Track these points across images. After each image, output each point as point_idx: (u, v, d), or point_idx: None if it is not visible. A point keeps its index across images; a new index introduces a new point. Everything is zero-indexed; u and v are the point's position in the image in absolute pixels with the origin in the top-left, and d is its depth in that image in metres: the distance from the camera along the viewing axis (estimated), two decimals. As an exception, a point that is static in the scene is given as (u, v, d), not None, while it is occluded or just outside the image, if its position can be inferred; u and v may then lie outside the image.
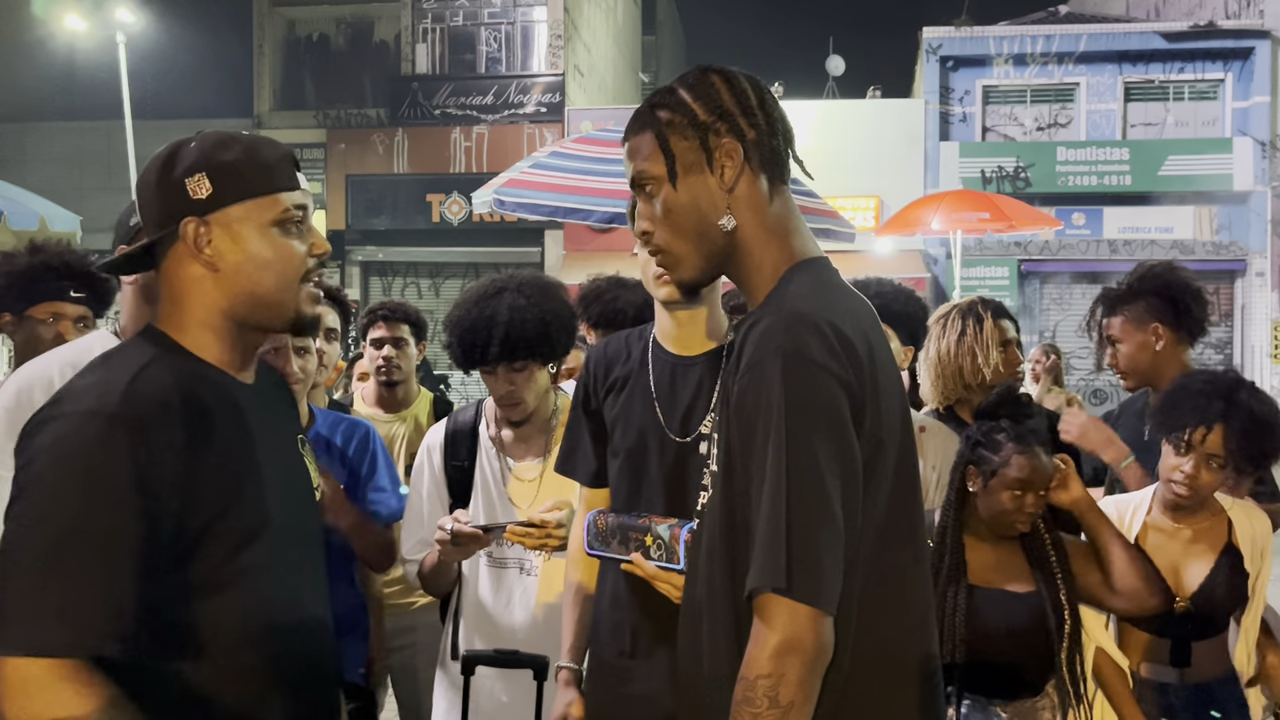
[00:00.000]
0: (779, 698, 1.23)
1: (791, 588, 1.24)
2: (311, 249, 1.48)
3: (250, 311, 1.44)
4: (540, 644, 2.33)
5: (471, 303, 2.34)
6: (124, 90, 9.12)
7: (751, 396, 1.32)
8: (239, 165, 1.41)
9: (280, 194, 1.44)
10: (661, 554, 1.72)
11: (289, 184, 1.45)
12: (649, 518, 1.77)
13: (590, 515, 1.83)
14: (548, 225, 14.18)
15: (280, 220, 1.43)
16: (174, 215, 1.40)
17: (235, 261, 1.41)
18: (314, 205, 1.53)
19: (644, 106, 1.51)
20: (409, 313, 3.67)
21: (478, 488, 2.47)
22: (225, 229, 1.40)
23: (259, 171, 1.42)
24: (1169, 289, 2.78)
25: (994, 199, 8.67)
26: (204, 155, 1.41)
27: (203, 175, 1.39)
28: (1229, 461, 2.33)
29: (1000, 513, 2.26)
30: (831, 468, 1.28)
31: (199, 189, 1.39)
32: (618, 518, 1.80)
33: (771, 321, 1.34)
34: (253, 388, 1.50)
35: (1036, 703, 2.29)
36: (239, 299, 1.43)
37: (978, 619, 2.25)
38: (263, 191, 1.42)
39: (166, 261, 1.43)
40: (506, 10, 16.54)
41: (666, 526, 1.72)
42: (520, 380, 2.34)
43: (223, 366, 1.45)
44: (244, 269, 1.42)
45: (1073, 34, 15.36)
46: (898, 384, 1.44)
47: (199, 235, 1.40)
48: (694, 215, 1.45)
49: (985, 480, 2.29)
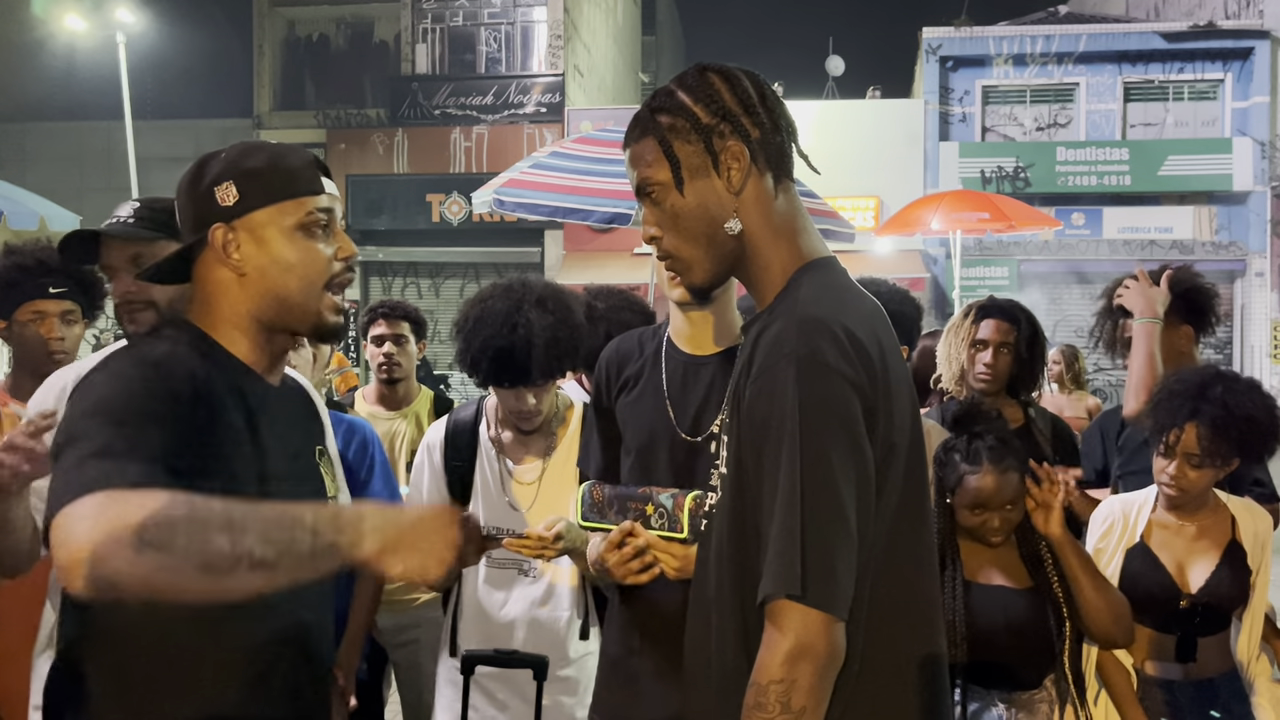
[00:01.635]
0: (791, 703, 1.22)
1: (806, 594, 1.23)
2: (337, 253, 1.50)
3: (276, 314, 1.47)
4: (539, 644, 2.33)
5: (495, 323, 2.28)
6: (124, 90, 9.13)
7: (764, 401, 1.31)
8: (263, 171, 1.45)
9: (304, 198, 1.47)
10: (663, 522, 1.68)
11: (313, 188, 1.48)
12: (650, 488, 1.74)
13: (585, 486, 1.81)
14: (548, 225, 14.18)
15: (304, 224, 1.46)
16: (204, 222, 1.45)
17: (261, 265, 1.45)
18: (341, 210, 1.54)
19: (644, 110, 1.49)
20: (409, 311, 3.68)
21: (477, 488, 2.48)
22: (251, 233, 1.44)
23: (282, 176, 1.46)
24: (1198, 293, 2.87)
25: (994, 199, 8.67)
26: (230, 164, 1.46)
27: (230, 183, 1.44)
28: (1204, 460, 2.35)
29: (968, 528, 2.29)
30: (846, 473, 1.27)
31: (226, 196, 1.44)
32: (615, 488, 1.77)
33: (784, 325, 1.33)
34: (277, 390, 1.53)
35: (1034, 696, 2.30)
36: (265, 302, 1.46)
37: (975, 615, 2.26)
38: (286, 196, 1.45)
39: (198, 267, 1.48)
40: (506, 10, 16.54)
41: (669, 495, 1.69)
42: (542, 394, 2.35)
43: (249, 364, 1.48)
44: (269, 272, 1.45)
45: (1072, 34, 15.35)
46: (908, 386, 1.43)
47: (227, 241, 1.44)
48: (702, 220, 1.44)
49: (948, 498, 2.31)
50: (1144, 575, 2.42)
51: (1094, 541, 2.51)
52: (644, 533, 1.78)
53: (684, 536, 1.66)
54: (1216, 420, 2.33)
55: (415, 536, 1.20)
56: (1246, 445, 2.37)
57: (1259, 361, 14.34)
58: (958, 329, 3.08)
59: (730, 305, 2.02)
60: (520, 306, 2.28)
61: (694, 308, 1.96)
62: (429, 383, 4.45)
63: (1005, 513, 2.28)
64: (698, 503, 1.62)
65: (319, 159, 1.53)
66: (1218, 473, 2.41)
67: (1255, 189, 14.64)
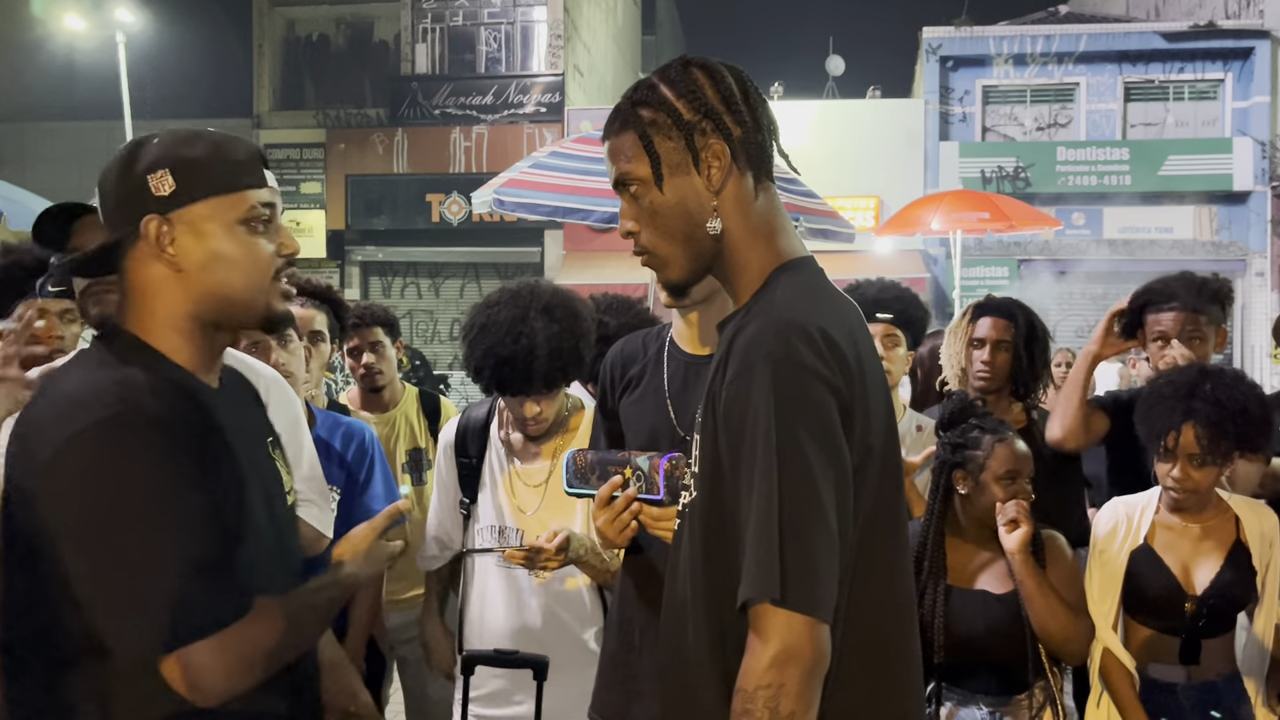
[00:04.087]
0: (780, 708, 1.21)
1: (787, 598, 1.22)
2: (280, 248, 1.43)
3: (217, 312, 1.40)
4: (541, 644, 2.33)
5: (500, 331, 2.27)
6: (124, 90, 9.12)
7: (741, 403, 1.30)
8: (203, 161, 1.36)
9: (247, 191, 1.39)
10: (641, 485, 1.67)
11: (256, 181, 1.40)
12: (629, 452, 1.73)
13: (569, 453, 1.79)
14: (547, 225, 14.16)
15: (247, 218, 1.39)
16: (135, 213, 1.35)
17: (200, 261, 1.36)
18: (283, 205, 1.48)
19: (624, 103, 1.46)
20: (378, 314, 3.63)
21: (485, 488, 2.48)
22: (189, 227, 1.36)
23: (225, 168, 1.38)
24: (1230, 293, 2.88)
25: (994, 199, 8.67)
26: (167, 151, 1.36)
27: (166, 171, 1.35)
28: (1205, 458, 2.35)
29: (996, 506, 2.29)
30: (824, 474, 1.26)
31: (161, 186, 1.34)
32: (597, 454, 1.76)
33: (760, 326, 1.32)
34: (219, 391, 1.46)
35: (1019, 700, 2.31)
36: (205, 300, 1.38)
37: (956, 619, 2.28)
38: (228, 189, 1.37)
39: (128, 262, 1.38)
40: (506, 10, 16.52)
41: (646, 458, 1.68)
42: (547, 402, 2.34)
43: (191, 369, 1.40)
44: (209, 268, 1.37)
45: (1073, 34, 15.34)
46: (883, 386, 1.43)
47: (161, 234, 1.35)
48: (681, 217, 1.43)
49: (975, 479, 2.31)
50: (1149, 577, 2.41)
51: (1098, 543, 2.51)
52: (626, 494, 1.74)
53: (659, 498, 1.65)
54: (1212, 417, 2.34)
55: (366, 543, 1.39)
56: (1244, 437, 2.37)
57: (1259, 361, 14.33)
58: (957, 329, 3.09)
59: (729, 303, 2.01)
60: (526, 315, 2.27)
61: (688, 309, 1.96)
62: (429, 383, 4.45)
63: (1028, 485, 2.30)
64: (673, 464, 1.62)
65: (261, 150, 1.45)
66: (1221, 470, 2.41)
67: (1255, 189, 14.63)
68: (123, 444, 1.25)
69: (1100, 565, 2.47)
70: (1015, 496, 2.30)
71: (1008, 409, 2.98)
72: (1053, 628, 2.26)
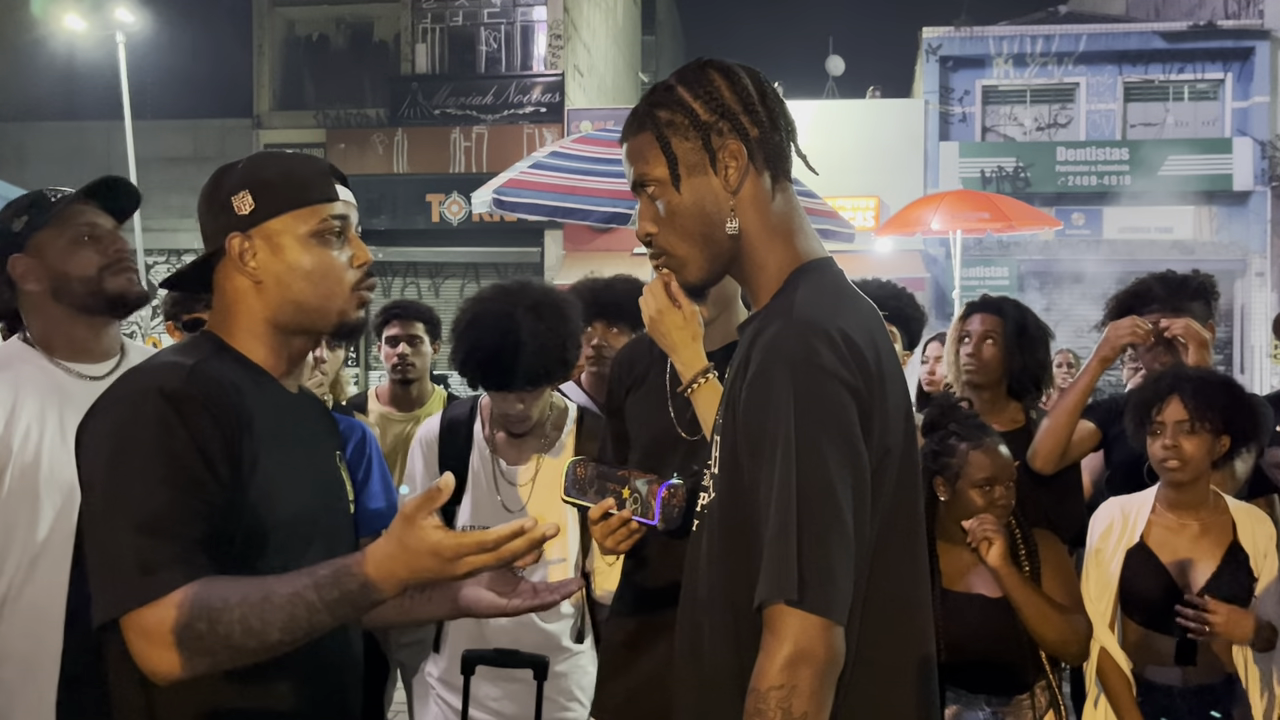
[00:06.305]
0: (792, 709, 1.21)
1: (803, 599, 1.22)
2: (352, 260, 1.52)
3: (293, 320, 1.50)
4: (539, 644, 2.33)
5: (487, 325, 2.30)
6: (124, 90, 9.13)
7: (760, 404, 1.30)
8: (276, 180, 1.48)
9: (318, 205, 1.49)
10: (637, 508, 1.68)
11: (326, 195, 1.50)
12: (630, 471, 1.74)
13: (571, 463, 1.81)
14: (547, 225, 14.16)
15: (318, 231, 1.49)
16: (222, 232, 1.48)
17: (276, 272, 1.48)
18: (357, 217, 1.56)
19: (642, 105, 1.48)
20: (423, 311, 3.65)
21: (469, 487, 2.48)
22: (267, 241, 1.47)
23: (295, 185, 1.49)
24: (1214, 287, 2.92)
25: (994, 199, 8.67)
26: (246, 174, 1.49)
27: (246, 192, 1.47)
28: (1194, 423, 2.36)
29: (973, 513, 2.29)
30: (842, 476, 1.26)
31: (243, 205, 1.47)
32: (598, 467, 1.77)
33: (780, 328, 1.32)
34: (294, 396, 1.56)
35: (1021, 700, 2.32)
36: (282, 308, 1.49)
37: (953, 623, 2.28)
38: (300, 204, 1.48)
39: (217, 275, 1.52)
40: (506, 10, 16.52)
41: (645, 481, 1.69)
42: (530, 400, 2.35)
43: (268, 370, 1.51)
44: (284, 279, 1.48)
45: (1072, 34, 15.34)
46: (903, 388, 1.43)
47: (243, 249, 1.47)
48: (698, 218, 1.43)
49: (952, 485, 2.32)
50: (1145, 576, 2.41)
51: (1094, 543, 2.51)
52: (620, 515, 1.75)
53: (654, 523, 1.64)
54: (1198, 386, 2.38)
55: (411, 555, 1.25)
56: (1231, 415, 2.39)
57: (1259, 361, 14.33)
58: (951, 330, 3.11)
59: (735, 302, 2.01)
60: (514, 311, 2.28)
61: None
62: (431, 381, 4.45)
63: (1008, 490, 2.30)
64: (671, 492, 1.62)
65: (332, 166, 1.56)
66: (1212, 445, 2.40)
67: (1255, 189, 14.63)
68: (147, 410, 1.32)
69: (1097, 564, 2.47)
70: (993, 503, 2.29)
71: (1004, 408, 2.98)
72: (1046, 632, 2.27)
